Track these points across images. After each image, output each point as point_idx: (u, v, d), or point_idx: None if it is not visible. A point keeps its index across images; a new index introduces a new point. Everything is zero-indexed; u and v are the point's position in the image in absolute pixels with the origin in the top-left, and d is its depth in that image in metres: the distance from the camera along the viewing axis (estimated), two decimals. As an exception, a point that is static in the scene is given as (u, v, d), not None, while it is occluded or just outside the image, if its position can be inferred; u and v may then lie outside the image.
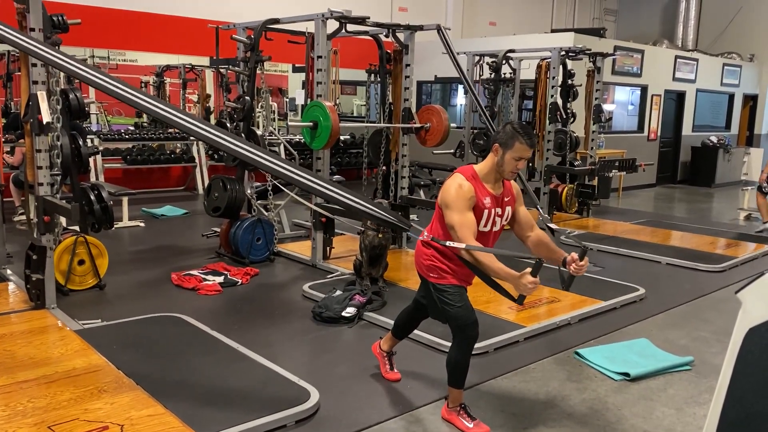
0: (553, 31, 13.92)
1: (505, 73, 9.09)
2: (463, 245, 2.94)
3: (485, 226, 3.10)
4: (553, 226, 3.29)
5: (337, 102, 10.37)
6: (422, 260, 3.22)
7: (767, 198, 8.49)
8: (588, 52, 8.74)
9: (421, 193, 9.43)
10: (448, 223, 3.02)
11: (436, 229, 3.16)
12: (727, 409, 1.46)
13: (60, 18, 4.75)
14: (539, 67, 8.85)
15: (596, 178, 9.16)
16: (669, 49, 14.08)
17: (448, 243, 3.02)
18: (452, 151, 9.01)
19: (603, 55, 9.06)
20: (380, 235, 5.17)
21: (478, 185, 3.06)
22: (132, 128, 10.45)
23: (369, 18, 5.86)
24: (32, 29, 4.31)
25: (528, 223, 3.25)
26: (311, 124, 5.53)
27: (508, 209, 3.19)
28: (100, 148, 8.99)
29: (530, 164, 8.76)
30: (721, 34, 16.21)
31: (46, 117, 4.32)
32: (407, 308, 3.59)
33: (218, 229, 6.60)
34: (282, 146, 8.98)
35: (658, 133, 13.06)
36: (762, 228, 8.49)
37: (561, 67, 8.70)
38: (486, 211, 3.07)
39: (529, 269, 2.83)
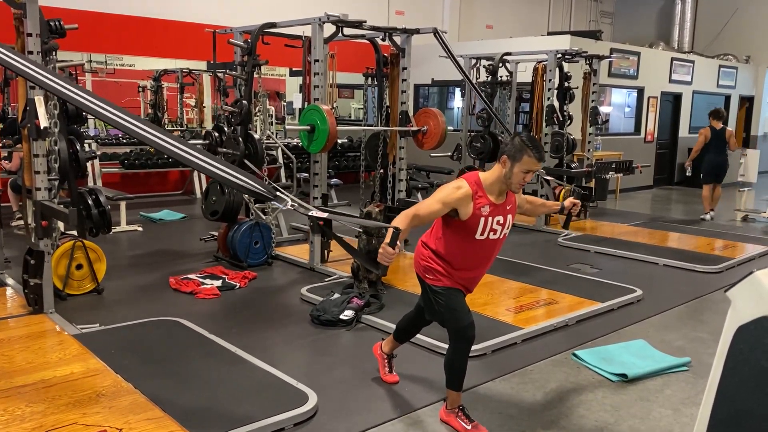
0: (549, 33, 13.96)
1: (501, 76, 9.11)
2: (324, 215, 3.26)
3: (482, 234, 3.08)
4: (548, 178, 3.58)
5: (335, 105, 10.39)
6: (420, 261, 3.23)
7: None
8: (584, 54, 8.76)
9: (419, 195, 9.44)
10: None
11: (436, 231, 3.18)
12: (718, 407, 1.47)
13: (57, 23, 4.76)
14: (536, 69, 8.87)
15: (593, 180, 9.18)
16: (665, 51, 14.13)
17: (311, 212, 3.31)
18: (449, 153, 9.02)
19: (599, 57, 9.08)
20: (375, 242, 5.17)
21: (479, 193, 3.05)
22: (129, 133, 10.44)
23: (366, 22, 5.88)
24: (29, 34, 4.31)
25: (537, 201, 3.57)
26: (309, 127, 5.54)
27: (509, 217, 3.18)
28: (98, 152, 8.99)
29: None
30: (717, 36, 16.26)
31: (43, 122, 4.33)
32: (409, 314, 3.59)
33: (216, 233, 6.60)
34: (279, 150, 9.00)
35: (655, 135, 13.10)
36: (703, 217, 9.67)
37: (557, 69, 8.71)
38: (482, 219, 3.05)
39: (388, 239, 2.84)
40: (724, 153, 9.64)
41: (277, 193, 3.39)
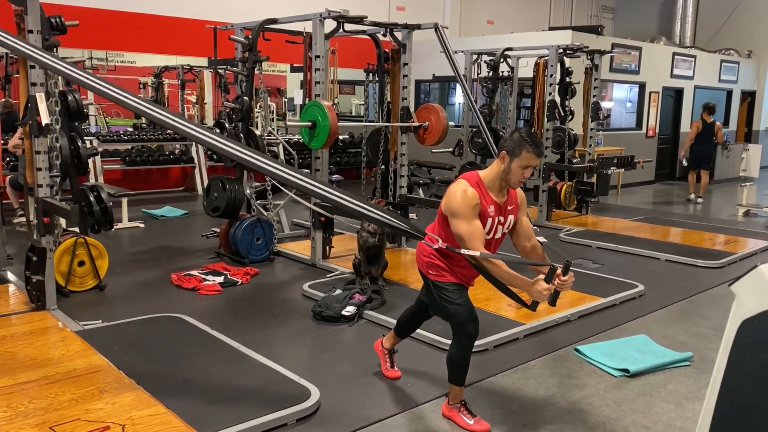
0: (550, 29, 13.93)
1: (503, 72, 9.10)
2: (477, 253, 2.91)
3: (487, 234, 3.07)
4: (542, 239, 3.24)
5: (336, 101, 10.38)
6: (422, 257, 3.22)
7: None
8: (586, 49, 8.75)
9: (420, 191, 9.45)
10: (455, 232, 2.98)
11: (438, 232, 3.15)
12: (722, 401, 1.47)
13: (58, 20, 4.76)
14: (537, 65, 8.86)
15: (595, 175, 9.18)
16: (667, 46, 14.10)
17: (462, 251, 2.95)
18: (451, 149, 9.02)
19: (601, 52, 9.07)
20: (374, 238, 5.17)
21: (482, 192, 3.03)
22: (131, 129, 10.46)
23: (366, 17, 5.87)
24: (30, 31, 4.31)
25: (527, 234, 3.23)
26: (310, 123, 5.54)
27: (511, 217, 3.16)
28: (99, 149, 9.00)
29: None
30: (718, 31, 16.22)
31: (45, 119, 4.33)
32: (410, 308, 3.59)
33: (218, 230, 6.61)
34: (281, 146, 9.00)
35: (657, 130, 13.08)
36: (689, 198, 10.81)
37: (559, 64, 8.70)
38: (489, 219, 3.05)
39: (542, 276, 2.84)
40: (710, 144, 10.81)
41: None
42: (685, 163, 10.99)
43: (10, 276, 5.35)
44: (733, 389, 1.44)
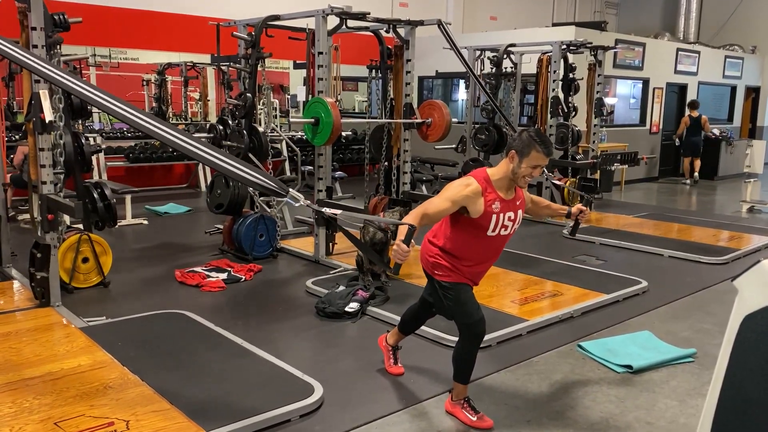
0: (554, 25, 13.90)
1: (506, 68, 9.08)
2: (339, 212, 3.15)
3: (494, 230, 3.06)
4: (557, 182, 3.49)
5: (339, 98, 10.38)
6: (428, 257, 3.21)
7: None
8: (589, 45, 8.72)
9: (423, 188, 9.44)
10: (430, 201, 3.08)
11: (444, 229, 3.15)
12: (724, 395, 1.47)
13: (61, 17, 4.76)
14: (540, 61, 8.84)
15: (598, 171, 9.16)
16: (670, 42, 14.05)
17: (324, 209, 3.20)
18: (454, 146, 9.01)
19: (604, 48, 9.04)
20: (382, 233, 5.18)
21: (488, 189, 3.03)
22: (134, 126, 10.46)
23: (369, 14, 5.86)
24: (33, 28, 4.32)
25: (541, 201, 3.51)
26: (313, 120, 5.54)
27: (520, 212, 3.17)
28: (103, 146, 9.01)
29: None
30: (722, 27, 16.16)
31: (48, 115, 4.34)
32: (413, 306, 3.60)
33: (221, 226, 6.62)
34: (284, 143, 9.00)
35: (660, 126, 13.04)
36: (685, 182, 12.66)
37: (562, 61, 8.69)
38: (494, 216, 3.04)
39: (402, 236, 2.77)
40: (699, 134, 12.66)
41: (290, 192, 3.28)
42: (677, 143, 13.05)
43: (15, 273, 5.37)
44: (736, 384, 1.45)
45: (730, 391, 1.47)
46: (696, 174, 12.79)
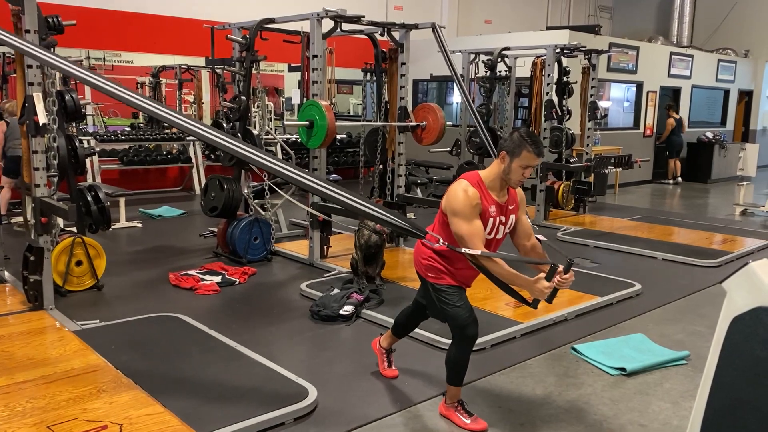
0: (548, 28, 13.93)
1: (500, 71, 9.11)
2: (477, 252, 2.90)
3: (489, 234, 3.07)
4: (541, 237, 3.21)
5: (333, 101, 10.38)
6: (421, 260, 3.21)
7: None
8: (583, 49, 8.76)
9: (418, 191, 9.45)
10: (455, 231, 2.97)
11: (438, 233, 3.14)
12: (714, 396, 1.48)
13: (55, 19, 4.75)
14: (534, 64, 8.87)
15: (592, 174, 9.19)
16: (664, 46, 14.11)
17: (463, 250, 2.94)
18: (449, 149, 9.03)
19: (598, 52, 9.08)
20: (378, 236, 5.18)
21: (483, 192, 3.02)
22: (128, 129, 10.45)
23: (364, 17, 5.87)
24: (27, 31, 4.31)
25: (526, 233, 3.23)
26: (307, 123, 5.54)
27: (512, 217, 3.16)
28: (97, 149, 8.99)
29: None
30: (715, 30, 16.25)
31: (42, 118, 4.33)
32: (407, 309, 3.59)
33: (215, 229, 6.61)
34: (279, 146, 8.99)
35: (654, 130, 13.10)
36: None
37: (556, 64, 8.71)
38: (491, 220, 3.04)
39: (542, 274, 2.84)
40: (680, 135, 13.02)
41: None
42: (663, 144, 13.17)
43: (7, 276, 5.35)
44: (724, 385, 1.46)
45: (719, 392, 1.48)
46: (678, 173, 13.25)
